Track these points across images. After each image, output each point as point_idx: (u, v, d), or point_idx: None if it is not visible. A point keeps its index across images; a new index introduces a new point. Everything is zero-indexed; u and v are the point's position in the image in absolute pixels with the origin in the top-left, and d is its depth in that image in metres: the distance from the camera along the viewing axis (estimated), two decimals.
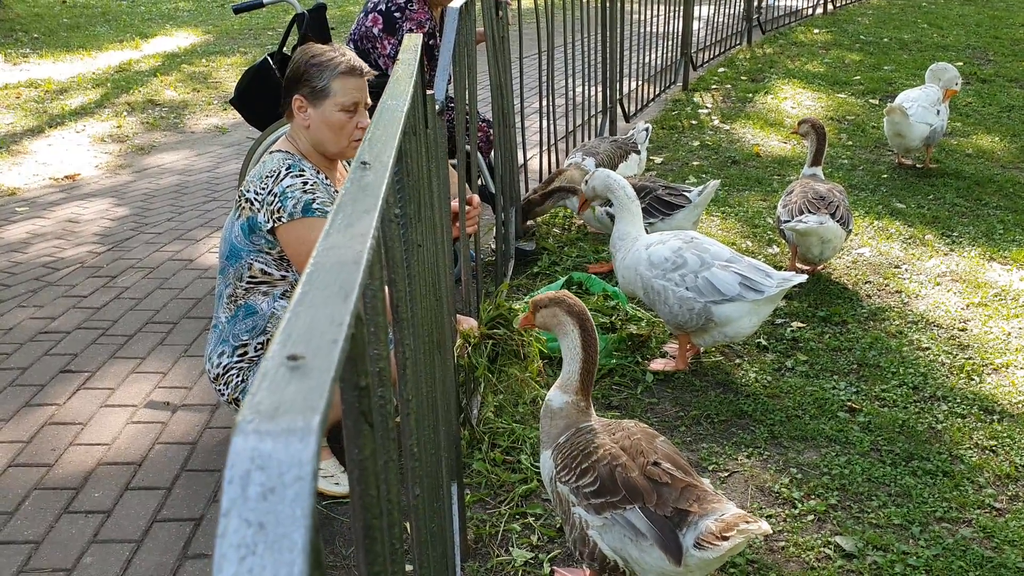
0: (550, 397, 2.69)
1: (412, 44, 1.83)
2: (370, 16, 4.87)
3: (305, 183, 3.03)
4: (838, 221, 4.58)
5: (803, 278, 3.65)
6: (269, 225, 3.02)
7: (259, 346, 3.21)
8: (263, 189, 3.03)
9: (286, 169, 3.05)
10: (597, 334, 2.71)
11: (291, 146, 3.17)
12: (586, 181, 4.36)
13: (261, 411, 0.53)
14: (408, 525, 1.52)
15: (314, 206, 3.00)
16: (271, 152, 3.17)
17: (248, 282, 3.15)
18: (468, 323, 3.41)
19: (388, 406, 0.88)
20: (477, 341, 3.30)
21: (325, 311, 0.60)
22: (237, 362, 3.19)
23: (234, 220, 3.13)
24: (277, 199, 2.99)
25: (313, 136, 3.13)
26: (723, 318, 3.70)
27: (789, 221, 4.61)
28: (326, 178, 3.18)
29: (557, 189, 5.25)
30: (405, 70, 1.50)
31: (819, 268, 4.95)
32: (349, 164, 3.39)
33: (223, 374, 3.20)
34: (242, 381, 3.20)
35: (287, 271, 3.16)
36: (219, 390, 3.24)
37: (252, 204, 3.05)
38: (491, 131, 4.84)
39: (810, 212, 4.58)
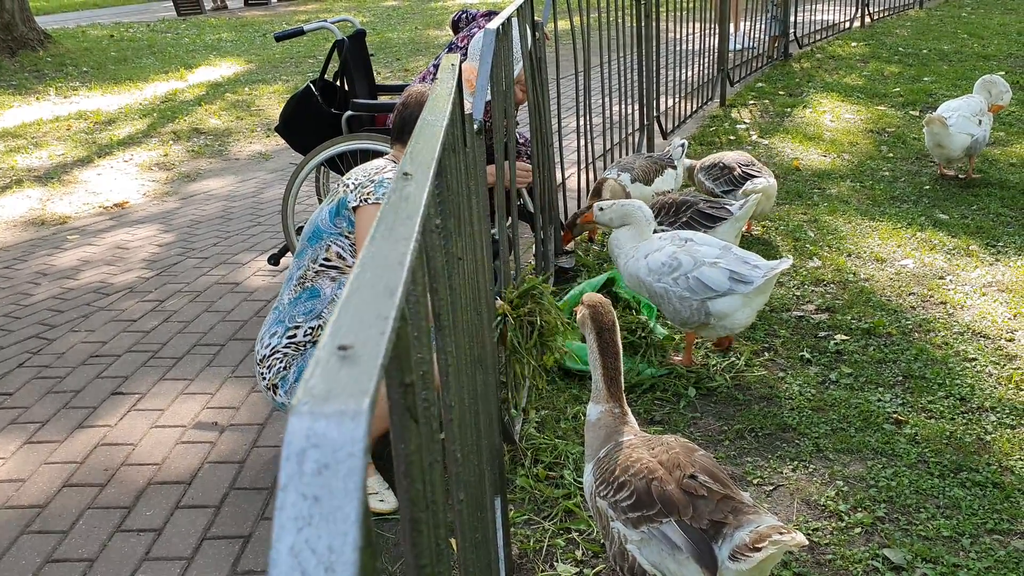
0: (587, 411, 2.77)
1: (449, 64, 1.88)
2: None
3: None
4: None
5: (788, 263, 3.77)
6: (355, 203, 3.24)
7: (309, 331, 3.28)
8: (364, 176, 3.30)
9: (392, 167, 3.33)
10: (620, 345, 2.75)
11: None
12: (601, 208, 4.23)
13: (315, 394, 0.57)
14: (454, 531, 1.55)
15: None
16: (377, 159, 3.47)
17: (321, 264, 3.31)
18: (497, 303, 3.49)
19: (432, 408, 0.91)
20: (514, 315, 3.39)
21: (372, 306, 0.64)
22: (284, 346, 3.27)
23: (325, 205, 3.36)
24: (373, 184, 3.25)
25: None
26: (719, 312, 3.85)
27: (738, 188, 5.36)
28: None
29: None
30: (444, 89, 1.54)
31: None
32: None
33: (269, 355, 3.28)
34: (284, 368, 3.26)
35: None
36: (261, 373, 3.31)
37: (348, 187, 3.30)
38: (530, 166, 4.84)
39: (753, 176, 5.38)
